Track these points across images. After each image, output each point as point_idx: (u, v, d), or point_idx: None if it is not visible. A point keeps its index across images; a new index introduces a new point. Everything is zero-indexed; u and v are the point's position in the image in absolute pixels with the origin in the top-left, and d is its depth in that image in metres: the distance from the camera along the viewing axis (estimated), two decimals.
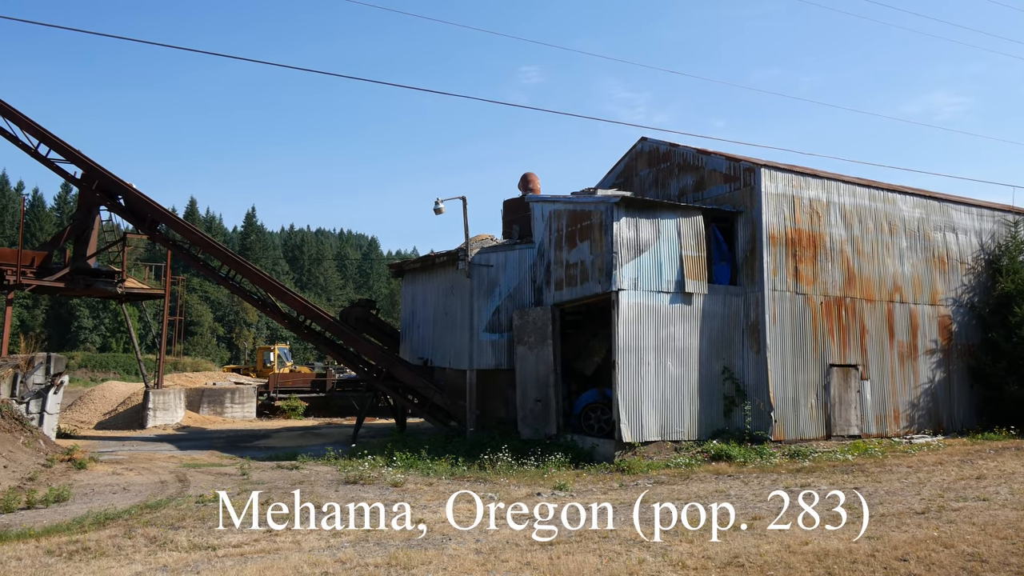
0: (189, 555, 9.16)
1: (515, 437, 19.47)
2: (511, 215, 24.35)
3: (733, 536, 9.82)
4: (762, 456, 17.30)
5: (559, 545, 9.41)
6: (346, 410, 34.14)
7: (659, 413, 17.88)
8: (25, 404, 19.55)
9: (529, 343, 20.21)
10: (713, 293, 19.03)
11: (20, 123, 25.12)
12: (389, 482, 14.69)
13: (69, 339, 73.79)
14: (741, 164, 20.04)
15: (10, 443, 16.59)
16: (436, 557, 8.85)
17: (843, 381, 20.01)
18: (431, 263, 24.25)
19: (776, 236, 19.33)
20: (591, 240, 18.96)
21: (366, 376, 24.71)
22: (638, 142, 24.22)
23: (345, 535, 10.20)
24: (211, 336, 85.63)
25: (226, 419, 32.19)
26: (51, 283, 25.15)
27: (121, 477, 16.06)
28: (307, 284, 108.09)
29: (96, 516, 11.53)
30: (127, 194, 25.13)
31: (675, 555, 8.85)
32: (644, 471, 16.17)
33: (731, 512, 11.53)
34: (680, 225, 18.81)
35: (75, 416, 30.22)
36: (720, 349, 18.96)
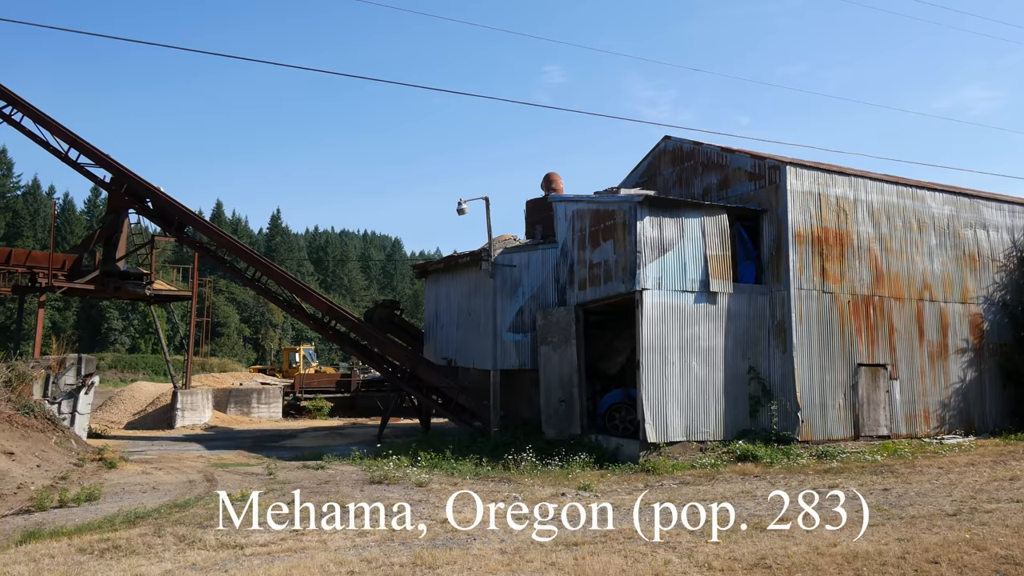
0: (217, 554, 9.26)
1: (539, 437, 19.45)
2: (534, 215, 24.34)
3: (760, 537, 9.72)
4: (789, 457, 17.12)
5: (584, 545, 9.38)
6: (371, 410, 34.34)
7: (684, 413, 17.76)
8: (57, 404, 19.89)
9: (553, 343, 20.17)
10: (738, 292, 18.87)
11: (51, 128, 25.59)
12: (414, 482, 14.75)
13: (99, 340, 74.96)
14: (766, 162, 19.85)
15: (43, 443, 16.89)
16: (461, 557, 8.87)
17: (871, 381, 19.74)
18: (454, 264, 24.30)
19: (802, 234, 19.12)
20: (614, 240, 18.89)
21: (390, 376, 24.84)
22: (661, 141, 24.09)
23: (371, 534, 10.25)
24: (238, 337, 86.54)
25: (253, 419, 32.53)
26: (82, 285, 25.59)
27: (150, 476, 16.28)
28: (332, 285, 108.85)
29: (127, 515, 11.70)
30: (155, 197, 25.50)
31: (701, 556, 8.78)
32: (669, 472, 16.07)
33: (758, 513, 11.42)
34: (704, 224, 18.67)
35: (105, 416, 30.70)
36: (746, 349, 18.79)
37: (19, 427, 16.80)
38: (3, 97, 25.99)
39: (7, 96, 25.91)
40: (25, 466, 15.34)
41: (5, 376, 18.44)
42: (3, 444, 15.68)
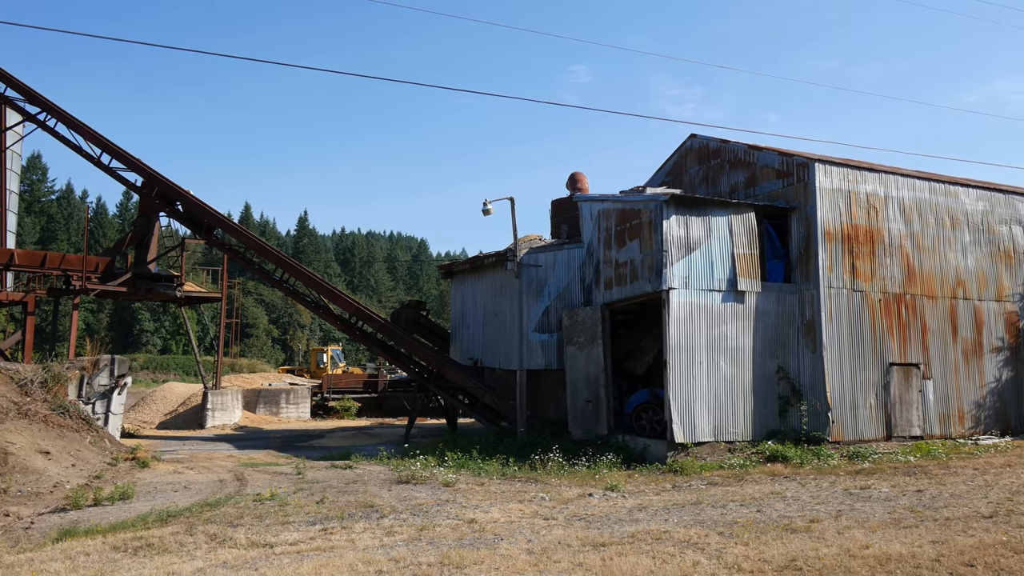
0: (248, 552, 9.36)
1: (566, 437, 19.42)
2: (559, 215, 24.30)
3: (790, 539, 9.61)
4: (819, 457, 16.90)
5: (611, 546, 9.34)
6: (398, 410, 34.51)
7: (712, 413, 17.62)
8: (91, 405, 20.24)
9: (579, 343, 20.12)
10: (766, 291, 18.68)
11: (84, 133, 26.07)
12: (441, 482, 14.79)
13: (132, 342, 76.21)
14: (794, 159, 19.63)
15: (78, 442, 17.20)
16: (488, 557, 8.87)
17: (904, 380, 19.43)
18: (480, 264, 24.34)
19: (832, 232, 18.88)
20: (641, 239, 18.79)
21: (417, 377, 24.94)
22: (687, 139, 23.92)
23: (398, 534, 10.30)
24: (266, 338, 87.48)
25: (281, 419, 32.85)
26: (114, 287, 26.02)
27: (182, 476, 16.51)
28: (358, 286, 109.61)
29: (159, 513, 11.87)
30: (185, 200, 25.86)
31: (730, 557, 8.70)
32: (697, 472, 15.96)
33: (788, 514, 11.29)
34: (732, 222, 18.51)
35: (138, 416, 31.20)
36: (774, 348, 18.60)
37: (55, 427, 17.13)
38: (38, 103, 26.53)
39: (41, 102, 26.43)
40: (61, 465, 15.64)
41: (41, 377, 18.81)
42: (40, 443, 16.00)
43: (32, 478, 14.44)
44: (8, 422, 16.05)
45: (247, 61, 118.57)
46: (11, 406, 16.79)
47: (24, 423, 16.40)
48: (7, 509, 12.70)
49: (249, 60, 28.48)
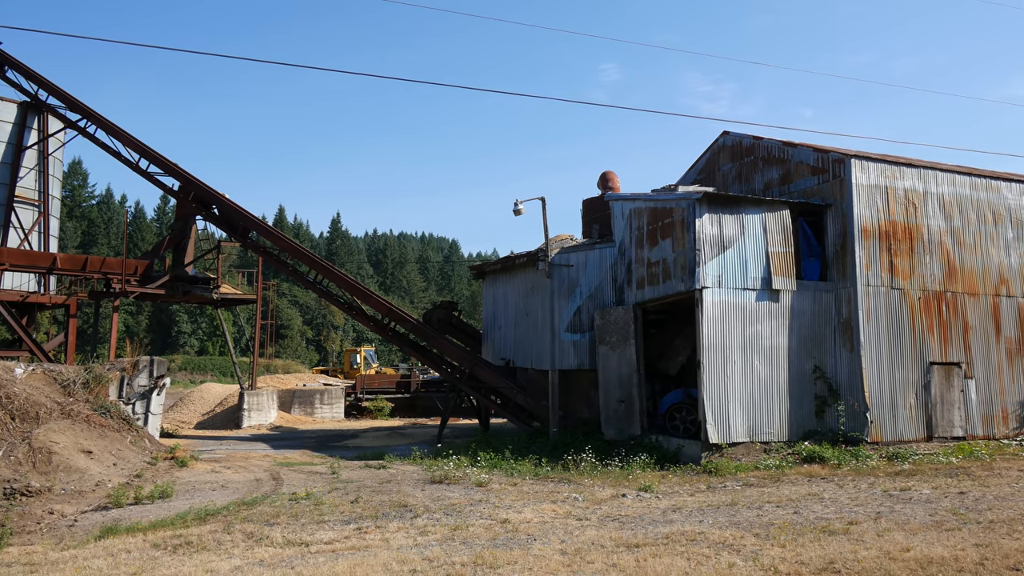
0: (284, 551, 9.47)
1: (598, 438, 19.33)
2: (590, 214, 24.21)
3: (828, 541, 9.46)
4: (857, 458, 16.62)
5: (645, 547, 9.28)
6: (430, 410, 34.66)
7: (747, 414, 17.42)
8: (131, 405, 20.64)
9: (611, 343, 20.03)
10: (802, 290, 18.42)
11: (122, 139, 26.61)
12: (474, 482, 14.82)
13: (170, 343, 77.56)
14: (830, 155, 19.32)
15: (119, 442, 17.56)
16: (521, 557, 8.87)
17: (945, 380, 19.02)
18: (511, 264, 24.35)
19: (869, 229, 18.55)
20: (673, 238, 18.64)
21: (449, 377, 25.03)
22: (720, 136, 23.69)
23: (432, 533, 10.34)
24: (300, 339, 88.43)
25: (316, 419, 33.19)
26: (153, 290, 26.51)
27: (219, 475, 16.76)
28: (390, 287, 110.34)
29: (197, 512, 12.06)
30: (221, 204, 26.27)
31: (767, 560, 8.59)
32: (732, 473, 15.78)
33: (825, 516, 11.11)
34: (766, 220, 18.28)
35: (176, 416, 31.74)
36: (810, 347, 18.32)
37: (96, 427, 17.50)
38: (78, 110, 27.14)
39: (82, 109, 27.04)
40: (102, 464, 15.98)
41: (83, 378, 19.23)
42: (82, 443, 16.36)
43: (75, 477, 14.77)
44: (52, 422, 16.44)
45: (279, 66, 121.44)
46: (55, 406, 17.19)
47: (67, 423, 16.78)
48: (52, 507, 13.01)
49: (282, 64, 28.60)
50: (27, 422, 16.06)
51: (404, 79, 18.30)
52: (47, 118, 28.21)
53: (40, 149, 28.10)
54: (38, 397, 17.14)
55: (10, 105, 27.46)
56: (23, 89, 27.71)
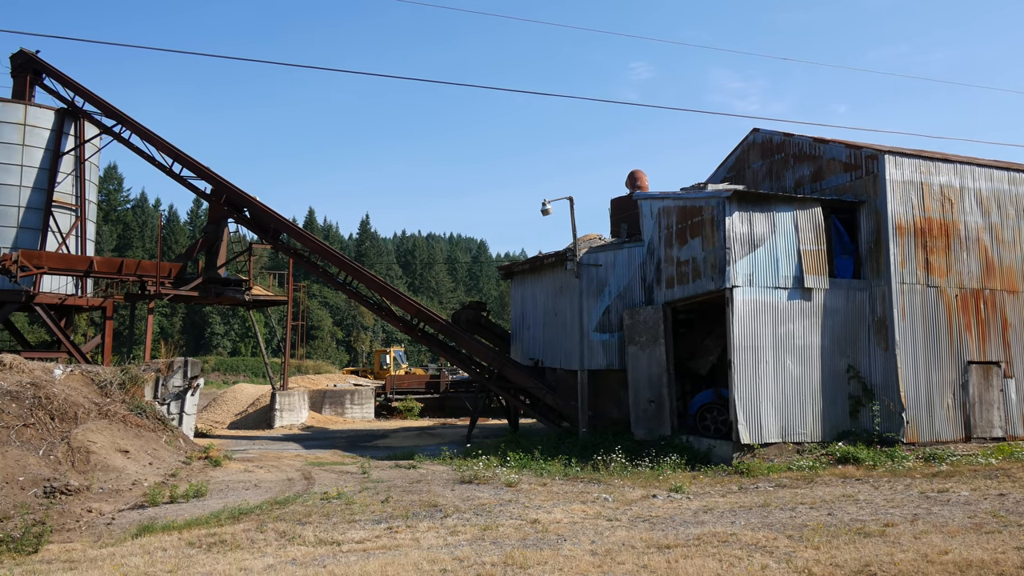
0: (316, 550, 9.55)
1: (628, 438, 19.24)
2: (619, 213, 24.11)
3: (863, 543, 9.30)
4: (893, 459, 16.34)
5: (676, 548, 9.20)
6: (459, 411, 34.76)
7: (779, 414, 17.21)
8: (166, 405, 20.98)
9: (640, 343, 19.92)
10: (835, 288, 18.16)
11: (156, 144, 27.07)
12: (503, 482, 14.83)
13: (203, 344, 78.71)
14: (862, 151, 19.02)
15: (154, 441, 17.86)
16: (552, 557, 8.85)
17: (983, 379, 18.62)
18: (540, 264, 24.33)
19: (903, 226, 18.23)
20: (702, 236, 18.49)
21: (478, 377, 25.08)
22: (750, 133, 23.44)
23: (462, 533, 10.36)
24: (331, 340, 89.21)
25: (346, 419, 33.47)
26: (186, 292, 26.93)
27: (252, 474, 16.97)
28: (419, 288, 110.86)
29: (231, 511, 12.22)
30: (252, 207, 26.60)
31: (800, 562, 8.47)
32: (764, 474, 15.61)
33: (860, 518, 10.94)
34: (797, 218, 18.06)
35: (210, 416, 32.20)
36: (844, 346, 18.05)
37: (133, 427, 17.82)
38: (113, 116, 27.66)
39: (117, 115, 27.55)
40: (139, 463, 16.26)
41: (120, 379, 19.59)
42: (119, 443, 16.66)
43: (112, 476, 15.05)
44: (90, 422, 16.77)
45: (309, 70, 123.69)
46: (92, 407, 17.53)
47: (104, 423, 17.11)
48: (90, 505, 13.27)
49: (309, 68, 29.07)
50: (66, 422, 16.40)
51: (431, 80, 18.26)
52: (83, 124, 28.79)
53: (77, 155, 28.69)
54: (76, 398, 17.49)
55: (48, 112, 28.08)
56: (60, 96, 28.32)
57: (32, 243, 27.00)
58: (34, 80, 28.46)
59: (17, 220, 26.99)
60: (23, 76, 28.30)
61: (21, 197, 27.12)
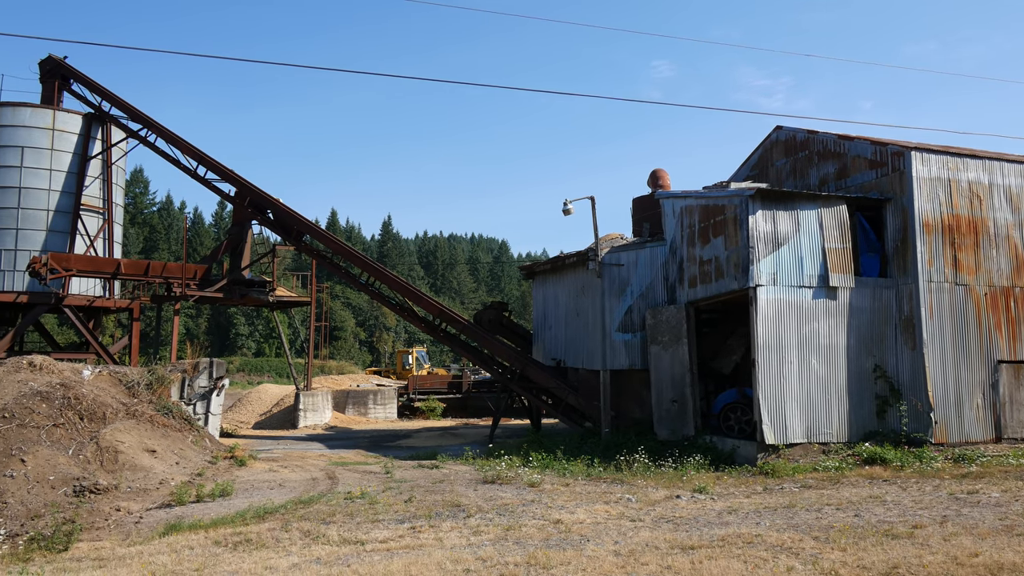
0: (340, 549, 9.61)
1: (651, 438, 19.15)
2: (641, 213, 24.00)
3: (891, 545, 9.18)
4: (922, 460, 16.11)
5: (700, 549, 9.14)
6: (482, 411, 34.80)
7: (804, 414, 17.04)
8: (192, 405, 21.22)
9: (663, 342, 19.81)
10: (860, 286, 17.94)
11: (181, 147, 27.39)
12: (526, 482, 14.82)
13: (228, 345, 79.49)
14: (888, 148, 18.78)
15: (180, 441, 18.06)
16: (575, 558, 8.83)
17: (1014, 379, 18.29)
18: (561, 264, 24.29)
19: (931, 223, 17.96)
20: (725, 235, 18.35)
21: (500, 377, 25.09)
22: (773, 131, 23.23)
23: (485, 533, 10.36)
24: (353, 340, 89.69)
25: (369, 419, 33.64)
26: (211, 293, 27.21)
27: (277, 474, 17.11)
28: (441, 288, 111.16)
29: (256, 510, 12.33)
30: (275, 209, 26.82)
31: (827, 564, 8.38)
32: (790, 474, 15.46)
33: (888, 519, 10.79)
34: (822, 216, 17.86)
35: (235, 417, 32.52)
36: (870, 346, 17.83)
37: (160, 427, 18.04)
38: (139, 120, 28.03)
39: (143, 119, 27.91)
40: (165, 463, 16.46)
41: (147, 379, 19.84)
42: (146, 442, 16.88)
43: (140, 475, 15.25)
44: (118, 422, 17.00)
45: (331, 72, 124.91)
46: (120, 407, 17.77)
47: (132, 423, 17.33)
48: (118, 504, 13.45)
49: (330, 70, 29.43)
50: (94, 422, 16.64)
51: (454, 81, 18.38)
52: (110, 128, 29.20)
53: (104, 159, 29.10)
54: (104, 398, 17.74)
55: (75, 117, 28.51)
56: (87, 101, 28.74)
57: (61, 246, 27.43)
58: (62, 85, 28.90)
59: (46, 223, 27.43)
60: (51, 82, 28.76)
61: (50, 201, 27.57)
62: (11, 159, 27.24)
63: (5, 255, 26.92)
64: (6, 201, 27.12)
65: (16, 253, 26.89)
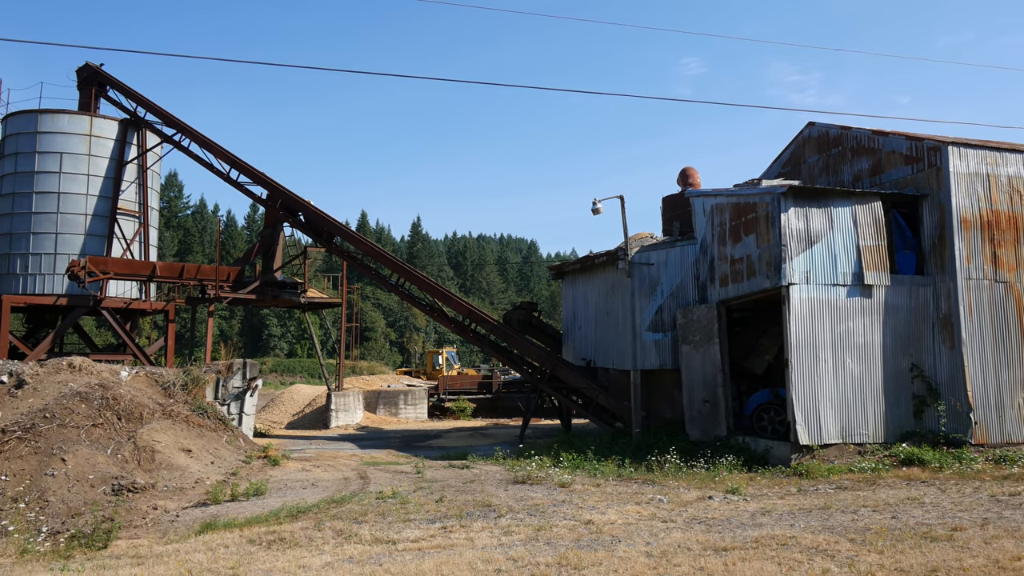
0: (372, 548, 9.67)
1: (682, 438, 19.00)
2: (670, 211, 23.84)
3: (930, 548, 9.00)
4: (961, 461, 15.77)
5: (734, 551, 9.04)
6: (512, 411, 34.81)
7: (839, 414, 16.78)
8: (226, 406, 21.51)
9: (694, 342, 19.65)
10: (896, 284, 17.62)
11: (214, 151, 27.79)
12: (556, 482, 14.79)
13: (261, 346, 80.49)
14: (924, 143, 18.42)
15: (215, 441, 18.33)
16: (606, 558, 8.78)
17: None
18: (591, 264, 24.21)
19: (969, 219, 17.58)
20: (757, 233, 18.15)
21: (530, 377, 25.08)
22: (805, 127, 22.92)
23: (516, 533, 10.36)
24: (384, 341, 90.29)
25: (400, 419, 33.84)
26: (244, 295, 27.58)
27: (309, 474, 17.27)
28: (470, 289, 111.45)
29: (289, 509, 12.46)
30: (306, 211, 27.10)
31: (863, 566, 8.24)
32: (824, 475, 15.24)
33: (927, 521, 10.59)
34: (856, 213, 17.58)
35: (268, 417, 32.91)
36: (907, 345, 17.51)
37: (195, 427, 18.32)
38: (173, 125, 28.49)
39: (177, 124, 28.38)
40: (201, 462, 16.71)
41: (182, 380, 20.16)
42: (182, 442, 17.15)
43: (176, 474, 15.49)
44: (154, 422, 17.30)
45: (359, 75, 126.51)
46: (156, 407, 18.08)
47: (168, 423, 17.62)
48: (155, 503, 13.69)
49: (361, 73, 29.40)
50: (132, 422, 16.95)
51: (483, 82, 18.44)
52: (145, 134, 29.74)
53: (139, 163, 29.64)
54: (141, 398, 18.06)
55: (112, 123, 29.09)
56: (123, 107, 29.30)
57: (98, 249, 27.99)
58: (99, 92, 29.50)
59: (84, 228, 28.02)
60: (89, 88, 29.37)
61: (88, 205, 28.16)
62: (50, 165, 27.88)
63: (45, 259, 27.56)
64: (46, 206, 27.76)
65: (56, 257, 27.51)
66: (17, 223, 27.81)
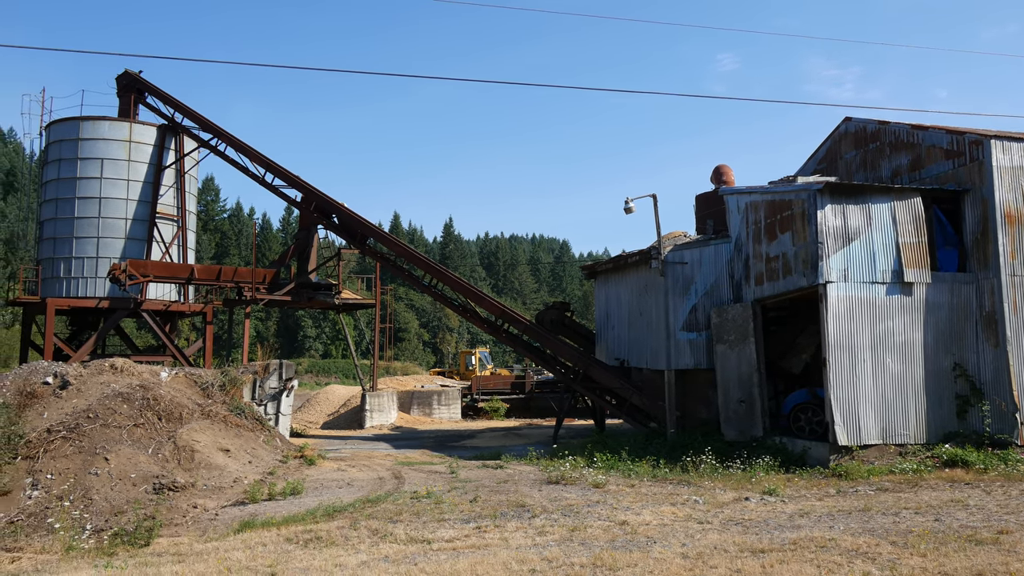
0: (407, 547, 9.73)
1: (718, 439, 18.80)
2: (704, 210, 23.62)
3: (975, 551, 8.79)
4: (1006, 462, 15.37)
5: (771, 553, 8.92)
6: (545, 411, 34.78)
7: (878, 414, 16.47)
8: (263, 406, 21.82)
9: (729, 341, 19.44)
10: (938, 282, 17.25)
11: (249, 155, 28.20)
12: (591, 483, 14.73)
13: (296, 347, 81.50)
14: (966, 137, 18.00)
15: (253, 441, 18.59)
16: (641, 559, 8.73)
17: None
18: (623, 263, 24.09)
19: (1013, 214, 17.14)
20: (793, 231, 17.90)
21: (563, 377, 25.03)
22: (842, 123, 22.54)
23: (550, 534, 10.34)
24: (417, 341, 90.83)
25: (434, 420, 34.00)
26: (280, 297, 27.96)
27: (345, 473, 17.44)
28: (503, 289, 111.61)
29: (325, 508, 12.59)
30: (340, 213, 27.37)
31: (905, 569, 8.07)
32: (864, 477, 14.96)
33: (971, 524, 10.34)
34: (895, 209, 17.24)
35: (304, 417, 33.31)
36: (948, 343, 17.12)
37: (233, 426, 18.60)
38: (210, 130, 28.97)
39: (213, 129, 28.85)
40: (239, 462, 16.96)
41: (220, 381, 20.49)
42: (220, 442, 17.43)
43: (215, 473, 15.75)
44: (193, 422, 17.60)
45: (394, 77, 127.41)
46: (195, 408, 18.40)
47: (207, 423, 17.92)
48: (195, 501, 13.93)
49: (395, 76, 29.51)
50: (171, 422, 17.27)
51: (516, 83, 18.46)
52: (183, 139, 30.31)
53: (177, 168, 30.22)
54: (181, 399, 18.39)
55: (150, 128, 29.69)
56: (161, 113, 29.89)
57: (138, 253, 28.59)
58: (138, 99, 30.12)
59: (125, 232, 28.64)
60: (128, 95, 30.01)
61: (128, 210, 28.77)
62: (92, 171, 28.55)
63: (87, 263, 28.23)
64: (87, 211, 28.44)
65: (97, 261, 28.17)
66: (60, 228, 28.53)
